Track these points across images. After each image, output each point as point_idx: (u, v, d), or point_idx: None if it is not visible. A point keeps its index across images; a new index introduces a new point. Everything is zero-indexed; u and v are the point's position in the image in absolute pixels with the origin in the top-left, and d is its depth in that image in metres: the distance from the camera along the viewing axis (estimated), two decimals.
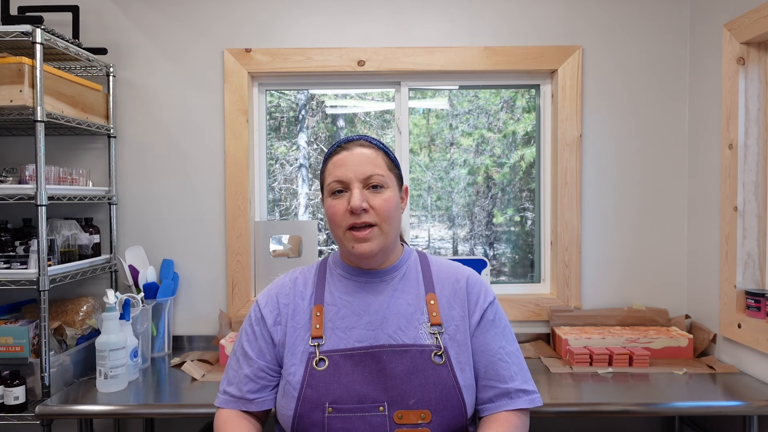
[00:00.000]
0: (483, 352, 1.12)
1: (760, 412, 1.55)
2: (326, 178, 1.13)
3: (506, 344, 1.14)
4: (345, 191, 1.10)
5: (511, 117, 2.40)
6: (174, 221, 2.18)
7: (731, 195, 1.85)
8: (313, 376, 1.05)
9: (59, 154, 2.15)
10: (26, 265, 1.72)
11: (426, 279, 1.17)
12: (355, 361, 1.06)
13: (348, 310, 1.12)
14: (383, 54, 2.15)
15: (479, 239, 2.47)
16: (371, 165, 1.11)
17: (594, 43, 2.16)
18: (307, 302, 1.15)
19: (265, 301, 1.18)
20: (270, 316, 1.15)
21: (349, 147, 1.13)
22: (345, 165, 1.10)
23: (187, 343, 2.16)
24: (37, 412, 1.56)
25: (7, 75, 1.65)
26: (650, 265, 2.18)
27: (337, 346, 1.08)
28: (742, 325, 1.80)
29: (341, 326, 1.10)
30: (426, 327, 1.10)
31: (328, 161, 1.15)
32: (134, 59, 2.16)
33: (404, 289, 1.15)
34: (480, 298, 1.16)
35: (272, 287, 1.20)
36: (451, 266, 1.22)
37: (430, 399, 1.04)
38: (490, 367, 1.11)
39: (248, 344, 1.15)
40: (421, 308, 1.12)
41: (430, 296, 1.14)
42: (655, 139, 2.16)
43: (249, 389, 1.12)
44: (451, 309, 1.14)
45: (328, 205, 1.12)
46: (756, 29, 1.73)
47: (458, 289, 1.16)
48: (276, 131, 2.45)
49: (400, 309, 1.12)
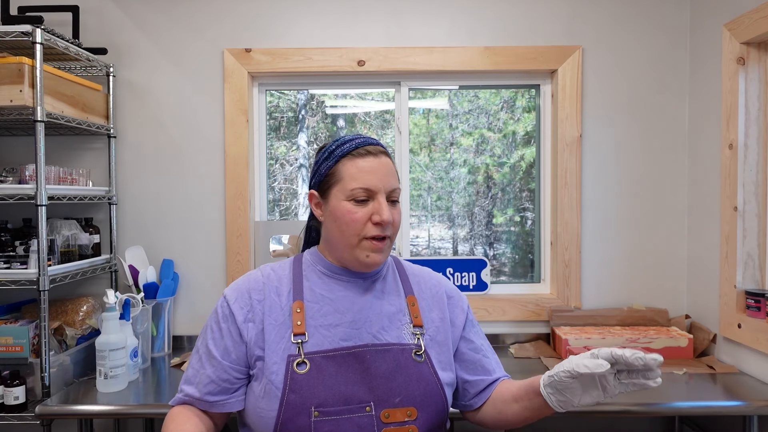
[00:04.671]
0: (472, 350, 1.18)
1: (760, 412, 1.55)
2: (345, 180, 1.07)
3: (483, 342, 1.21)
4: (368, 200, 1.07)
5: (511, 117, 2.40)
6: (174, 221, 2.18)
7: (731, 195, 1.85)
8: (295, 380, 1.02)
9: (59, 154, 2.15)
10: (26, 265, 1.72)
11: (404, 282, 1.18)
12: (338, 362, 1.04)
13: (330, 308, 1.09)
14: (383, 54, 2.15)
15: (479, 239, 2.47)
16: (394, 178, 1.10)
17: (594, 43, 2.16)
18: (285, 298, 1.10)
19: (234, 297, 1.11)
20: (240, 312, 1.09)
21: (377, 153, 1.09)
22: (374, 173, 1.07)
23: (187, 343, 2.16)
24: (37, 412, 1.56)
25: (7, 75, 1.65)
26: (650, 265, 2.18)
27: (321, 346, 1.05)
28: (742, 325, 1.80)
29: (324, 324, 1.08)
30: (409, 328, 1.12)
31: (345, 161, 1.08)
32: (134, 59, 2.16)
33: (385, 290, 1.15)
34: (461, 302, 1.21)
35: (242, 282, 1.14)
36: (425, 271, 1.24)
37: (415, 396, 1.05)
38: (478, 363, 1.17)
39: (213, 342, 1.09)
40: (402, 309, 1.13)
41: (411, 299, 1.15)
42: (655, 139, 2.16)
43: (209, 391, 1.07)
44: (431, 311, 1.16)
45: (345, 210, 1.06)
46: (756, 29, 1.73)
47: (437, 293, 1.19)
48: (276, 131, 2.45)
49: (383, 309, 1.12)
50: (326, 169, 1.11)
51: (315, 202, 1.15)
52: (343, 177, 1.08)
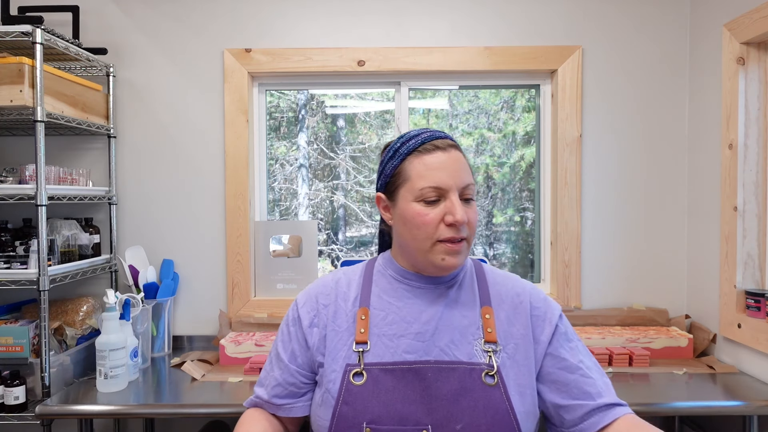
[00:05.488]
0: (562, 369, 1.00)
1: (760, 412, 1.55)
2: (413, 179, 0.99)
3: (584, 359, 1.03)
4: (439, 200, 0.98)
5: (511, 117, 2.40)
6: (174, 221, 2.18)
7: (731, 195, 1.85)
8: (350, 391, 0.96)
9: (59, 154, 2.15)
10: (26, 265, 1.72)
11: (482, 290, 1.06)
12: (397, 377, 0.96)
13: (396, 316, 1.02)
14: (383, 54, 2.15)
15: (479, 239, 2.47)
16: (467, 173, 1.00)
17: (594, 43, 2.16)
18: (351, 304, 1.05)
19: (303, 301, 1.09)
20: (306, 317, 1.06)
21: (445, 148, 1.00)
22: (444, 169, 0.97)
23: (187, 343, 2.16)
24: (37, 412, 1.56)
25: (7, 75, 1.64)
26: (650, 265, 2.18)
27: (382, 357, 0.98)
28: (742, 325, 1.80)
29: (388, 333, 1.00)
30: (480, 344, 0.99)
31: (412, 159, 1.00)
32: (134, 59, 2.16)
33: (459, 300, 1.04)
34: (548, 313, 1.06)
35: (313, 287, 1.11)
36: (509, 278, 1.11)
37: (479, 425, 0.93)
38: (573, 384, 0.99)
39: (281, 345, 1.08)
40: (476, 322, 1.02)
41: (486, 310, 1.03)
42: (655, 139, 2.16)
43: (276, 393, 1.05)
44: (511, 325, 1.03)
45: (415, 212, 0.98)
46: (756, 29, 1.73)
47: (519, 304, 1.05)
48: (276, 131, 2.45)
49: (454, 321, 1.01)
50: (392, 169, 1.03)
51: (383, 206, 1.07)
52: (411, 176, 0.99)
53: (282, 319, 2.11)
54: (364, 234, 2.57)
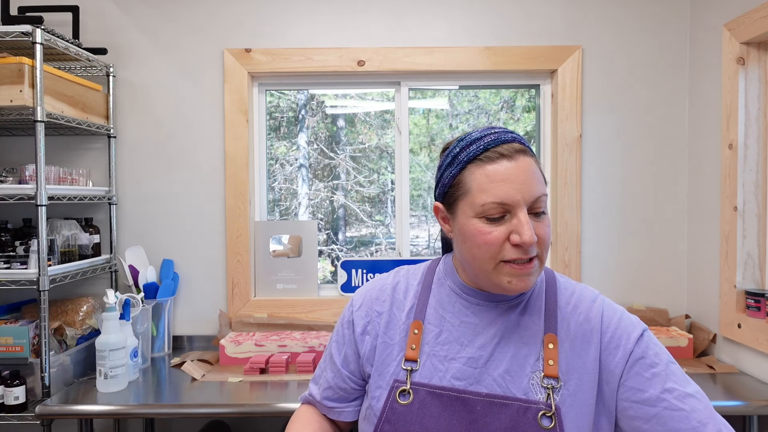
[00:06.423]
0: (643, 403, 0.84)
1: (760, 412, 1.55)
2: (473, 192, 0.86)
3: (675, 386, 0.84)
4: (504, 216, 0.85)
5: (511, 117, 2.40)
6: (174, 221, 2.18)
7: (731, 195, 1.85)
8: (394, 410, 0.88)
9: (59, 154, 2.15)
10: (26, 265, 1.72)
11: (548, 313, 0.91)
12: (444, 403, 0.87)
13: (450, 335, 0.92)
14: (383, 54, 2.15)
15: None
16: (539, 183, 0.86)
17: (594, 43, 2.16)
18: (405, 315, 0.96)
19: (359, 303, 1.01)
20: (360, 323, 0.99)
21: (512, 155, 0.85)
22: (510, 182, 0.83)
23: (187, 343, 2.16)
24: (37, 412, 1.56)
25: (7, 75, 1.65)
26: (650, 265, 2.18)
27: (430, 379, 0.89)
28: (742, 325, 1.80)
29: (439, 354, 0.91)
30: (539, 377, 0.87)
31: (472, 168, 0.87)
32: (134, 59, 2.16)
33: (521, 323, 0.91)
34: (623, 338, 0.88)
35: (370, 289, 1.02)
36: (583, 298, 0.94)
37: None
38: (656, 421, 0.82)
39: (336, 347, 1.02)
40: (537, 351, 0.88)
41: (550, 338, 0.89)
42: (655, 139, 2.16)
43: (327, 396, 1.01)
44: (577, 357, 0.88)
45: (476, 230, 0.85)
46: (756, 29, 1.73)
47: (589, 329, 0.90)
48: (276, 131, 2.45)
49: (513, 348, 0.89)
50: (449, 178, 0.90)
51: (441, 216, 0.95)
52: (471, 188, 0.86)
53: (282, 318, 2.13)
54: (364, 234, 2.57)
